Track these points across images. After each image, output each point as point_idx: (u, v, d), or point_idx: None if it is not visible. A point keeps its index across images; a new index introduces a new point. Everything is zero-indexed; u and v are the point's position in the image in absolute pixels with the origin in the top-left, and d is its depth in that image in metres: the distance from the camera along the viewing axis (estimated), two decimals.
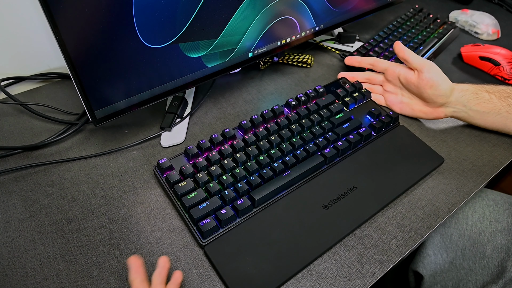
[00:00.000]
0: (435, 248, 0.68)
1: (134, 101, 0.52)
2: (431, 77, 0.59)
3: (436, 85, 0.59)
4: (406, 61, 0.62)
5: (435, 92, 0.59)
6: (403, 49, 0.62)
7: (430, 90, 0.59)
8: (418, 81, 0.60)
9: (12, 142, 0.58)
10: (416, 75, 0.61)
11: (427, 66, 0.59)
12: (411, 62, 0.61)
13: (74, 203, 0.51)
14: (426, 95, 0.60)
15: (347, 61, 0.71)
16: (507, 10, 0.98)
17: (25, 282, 0.43)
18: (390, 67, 0.65)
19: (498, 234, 0.63)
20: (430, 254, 0.68)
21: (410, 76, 0.61)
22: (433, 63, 0.60)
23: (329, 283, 0.45)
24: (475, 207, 0.67)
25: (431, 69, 0.59)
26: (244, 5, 0.54)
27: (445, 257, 0.67)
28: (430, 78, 0.59)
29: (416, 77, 0.60)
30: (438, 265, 0.67)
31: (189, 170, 0.51)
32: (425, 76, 0.59)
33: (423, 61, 0.60)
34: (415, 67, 0.61)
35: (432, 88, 0.59)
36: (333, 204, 0.51)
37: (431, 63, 0.60)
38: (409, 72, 0.62)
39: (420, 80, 0.60)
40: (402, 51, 0.62)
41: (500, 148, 0.62)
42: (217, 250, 0.46)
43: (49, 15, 0.39)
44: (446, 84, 0.59)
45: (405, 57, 0.62)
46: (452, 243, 0.66)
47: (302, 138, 0.57)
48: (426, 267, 0.68)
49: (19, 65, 0.67)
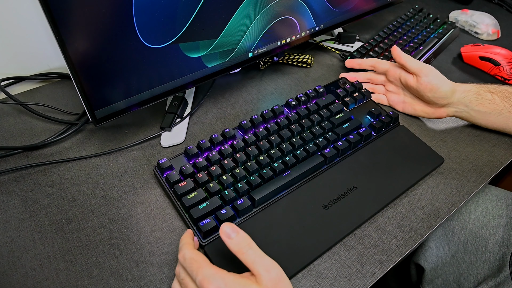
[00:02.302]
0: (437, 241, 0.68)
1: (134, 101, 0.52)
2: (430, 81, 0.59)
3: (436, 89, 0.58)
4: (404, 66, 0.62)
5: (435, 95, 0.59)
6: (400, 54, 0.62)
7: (430, 93, 0.59)
8: (417, 85, 0.60)
9: (12, 142, 0.58)
10: (414, 79, 0.61)
11: (424, 70, 0.59)
12: (408, 67, 0.61)
13: (74, 203, 0.51)
14: (426, 97, 0.60)
15: (348, 63, 0.71)
16: (507, 10, 0.98)
17: (25, 282, 0.43)
18: (391, 68, 0.65)
19: (500, 229, 0.63)
20: (432, 247, 0.68)
21: (409, 80, 0.61)
22: (431, 67, 0.59)
23: (329, 283, 0.45)
24: (478, 202, 0.67)
25: (429, 73, 0.59)
26: (244, 5, 0.54)
27: (446, 250, 0.67)
28: (429, 82, 0.59)
29: (415, 81, 0.60)
30: (440, 258, 0.68)
31: (189, 170, 0.51)
32: (423, 80, 0.59)
33: (421, 66, 0.60)
34: (413, 72, 0.60)
35: (432, 92, 0.59)
36: (333, 204, 0.51)
37: (429, 67, 0.59)
38: (408, 76, 0.62)
39: (419, 84, 0.60)
40: (399, 56, 0.62)
41: (500, 148, 0.62)
42: (217, 250, 0.46)
43: (49, 15, 0.39)
44: (446, 86, 0.59)
45: (402, 62, 0.61)
46: (454, 237, 0.66)
47: (302, 138, 0.57)
48: (427, 260, 0.69)
49: (19, 65, 0.67)
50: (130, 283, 0.44)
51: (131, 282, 0.44)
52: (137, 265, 0.46)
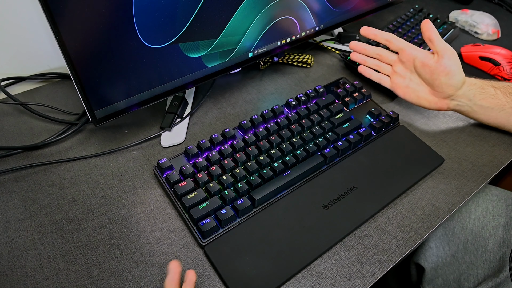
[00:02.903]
0: (437, 241, 0.68)
1: (134, 101, 0.52)
2: (450, 65, 0.57)
3: (452, 74, 0.57)
4: (431, 41, 0.58)
5: (447, 81, 0.57)
6: (431, 28, 0.58)
7: (445, 78, 0.57)
8: (436, 65, 0.57)
9: (12, 142, 0.58)
10: (435, 59, 0.58)
11: (449, 52, 0.57)
12: (436, 44, 0.58)
13: (74, 203, 0.51)
14: (438, 82, 0.58)
15: (363, 30, 0.64)
16: (507, 10, 0.98)
17: (25, 282, 0.43)
18: (407, 48, 0.61)
19: (500, 229, 0.63)
20: (432, 247, 0.68)
21: (428, 60, 0.58)
22: (455, 52, 0.57)
23: (329, 283, 0.45)
24: (478, 202, 0.67)
25: (452, 56, 0.57)
26: (244, 5, 0.54)
27: (447, 250, 0.67)
28: (449, 66, 0.57)
29: (435, 62, 0.58)
30: (440, 258, 0.68)
31: (189, 170, 0.51)
32: (444, 61, 0.57)
33: (447, 47, 0.57)
34: (438, 51, 0.57)
35: (447, 76, 0.57)
36: (333, 204, 0.51)
37: (454, 51, 0.57)
38: (428, 56, 0.59)
39: (438, 65, 0.57)
40: (429, 30, 0.58)
41: (500, 148, 0.62)
42: (217, 250, 0.46)
43: (49, 15, 0.39)
44: (460, 76, 0.57)
45: (431, 38, 0.58)
46: (454, 237, 0.66)
47: (302, 138, 0.57)
48: (428, 260, 0.69)
49: (19, 65, 0.67)
50: (130, 283, 0.44)
51: (131, 282, 0.44)
52: (137, 265, 0.46)
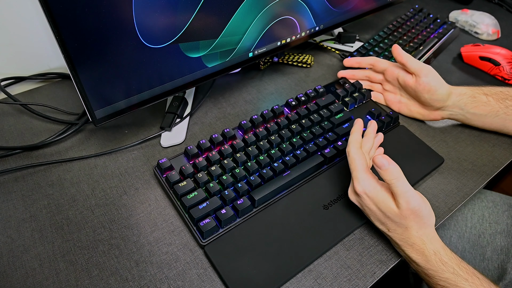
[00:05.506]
0: None
1: (134, 101, 0.52)
2: (429, 82, 0.58)
3: (434, 90, 0.58)
4: (404, 65, 0.61)
5: (432, 97, 0.59)
6: (401, 53, 0.61)
7: (427, 94, 0.59)
8: (416, 85, 0.60)
9: (12, 142, 0.58)
10: (413, 79, 0.60)
11: (424, 70, 0.59)
12: (409, 66, 0.60)
13: (74, 203, 0.51)
14: (423, 99, 0.60)
15: (346, 62, 0.71)
16: (507, 10, 0.98)
17: (25, 282, 0.43)
18: (389, 68, 0.65)
19: (497, 236, 0.63)
20: None
21: (408, 80, 0.61)
22: (431, 68, 0.59)
23: (329, 283, 0.45)
24: (474, 209, 0.67)
25: (429, 73, 0.59)
26: (244, 5, 0.54)
27: None
28: (428, 83, 0.58)
29: (414, 81, 0.60)
30: None
31: (189, 170, 0.51)
32: (422, 80, 0.59)
33: (421, 66, 0.59)
34: (413, 71, 0.60)
35: (429, 93, 0.59)
36: (333, 204, 0.51)
37: (429, 68, 0.59)
38: (407, 76, 0.62)
39: (417, 84, 0.60)
40: (400, 55, 0.61)
41: (500, 148, 0.62)
42: (217, 250, 0.46)
43: (49, 15, 0.39)
44: (443, 89, 0.59)
45: (403, 61, 0.61)
46: (451, 245, 0.66)
47: (302, 138, 0.57)
48: None
49: (19, 65, 0.67)
50: (130, 283, 0.44)
51: (131, 282, 0.44)
52: (137, 265, 0.46)
